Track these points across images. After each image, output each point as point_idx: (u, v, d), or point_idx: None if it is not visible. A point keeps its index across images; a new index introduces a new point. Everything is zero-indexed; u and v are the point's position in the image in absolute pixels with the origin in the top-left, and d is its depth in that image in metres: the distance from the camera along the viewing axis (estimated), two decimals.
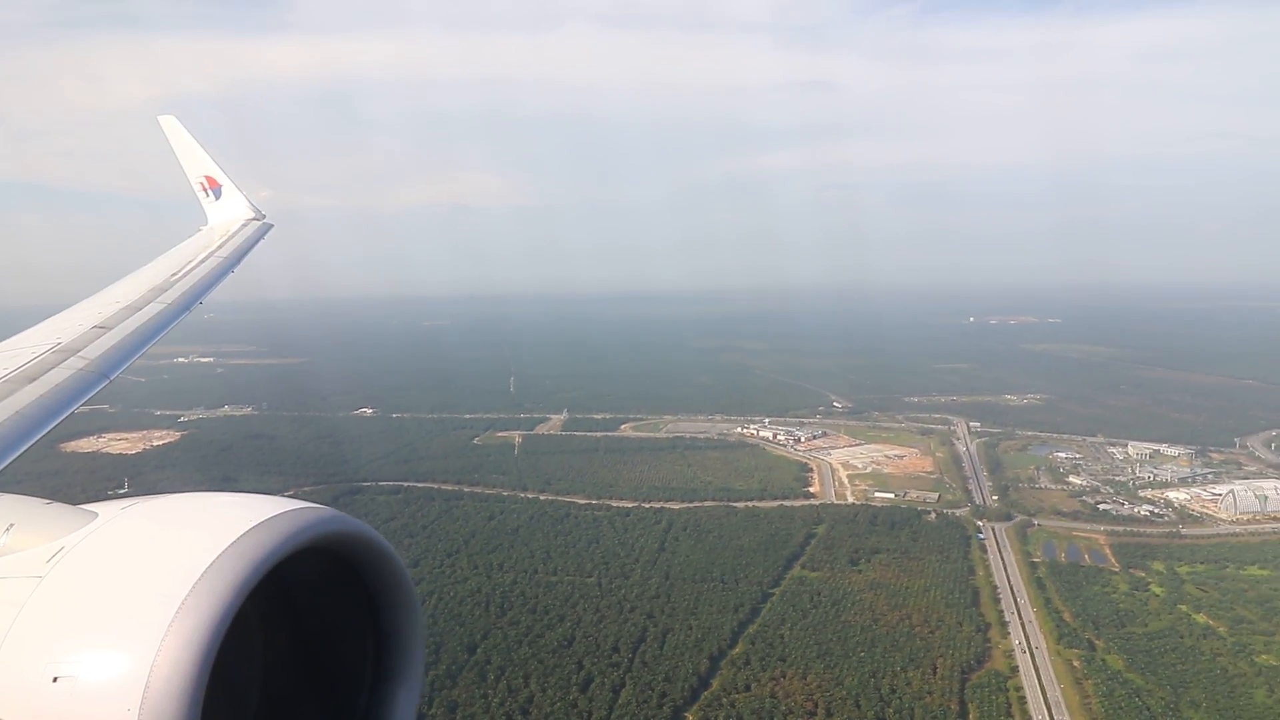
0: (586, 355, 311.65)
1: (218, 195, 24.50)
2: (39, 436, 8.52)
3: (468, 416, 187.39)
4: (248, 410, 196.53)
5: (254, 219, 23.58)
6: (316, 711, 4.93)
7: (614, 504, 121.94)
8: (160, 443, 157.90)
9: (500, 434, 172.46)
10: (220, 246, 19.99)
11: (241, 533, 4.00)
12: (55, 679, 3.66)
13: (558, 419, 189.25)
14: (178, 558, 3.96)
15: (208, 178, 24.74)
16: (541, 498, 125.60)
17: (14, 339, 11.96)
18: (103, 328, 12.31)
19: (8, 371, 9.96)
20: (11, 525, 4.65)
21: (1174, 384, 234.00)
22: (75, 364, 10.49)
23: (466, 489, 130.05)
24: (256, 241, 21.57)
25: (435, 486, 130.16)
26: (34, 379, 9.67)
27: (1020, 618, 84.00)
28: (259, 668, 4.76)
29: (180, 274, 16.74)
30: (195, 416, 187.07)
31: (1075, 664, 74.09)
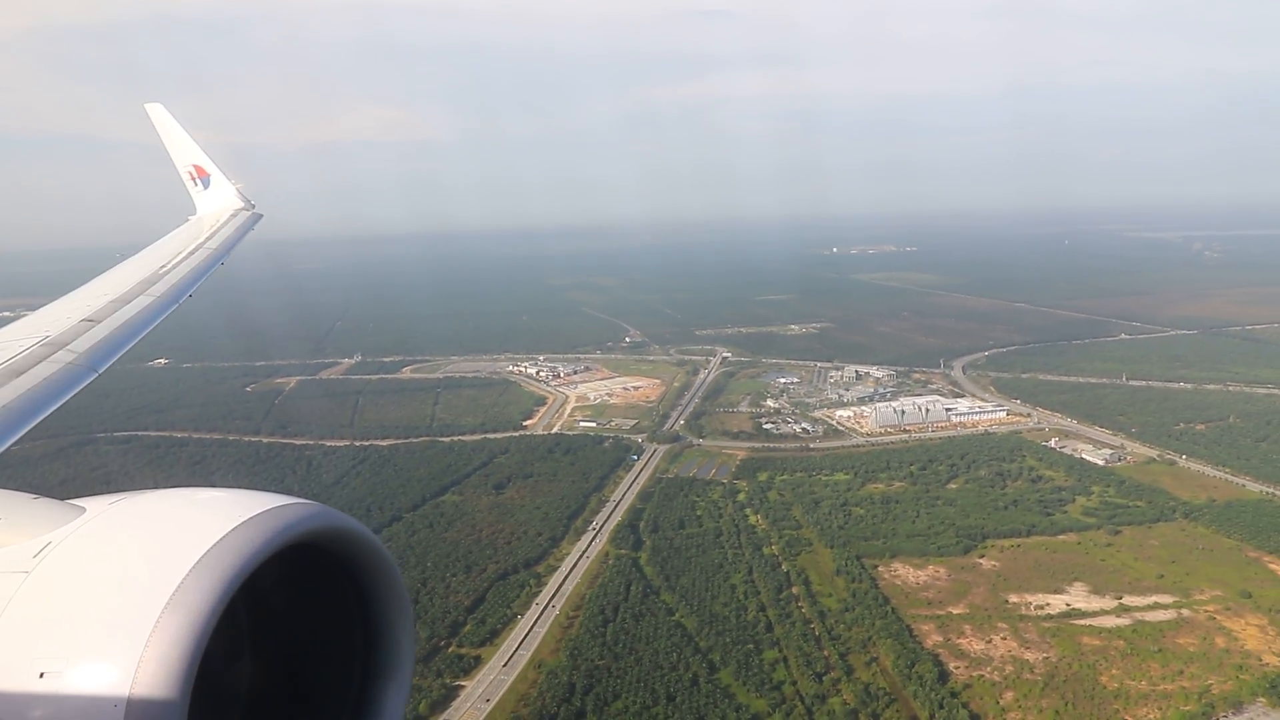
0: (434, 296, 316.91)
1: (206, 185, 24.60)
2: (26, 430, 8.49)
3: (260, 364, 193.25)
4: None
5: (243, 209, 23.53)
6: (304, 707, 4.95)
7: (329, 444, 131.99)
8: None
9: (278, 380, 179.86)
10: (209, 238, 19.95)
11: (229, 529, 4.05)
12: (42, 674, 3.66)
13: (348, 363, 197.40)
14: (165, 554, 3.99)
15: (196, 167, 24.67)
16: (265, 440, 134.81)
17: (1, 332, 12.06)
18: (91, 321, 12.28)
19: None
20: None
21: (952, 309, 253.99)
22: (63, 358, 10.48)
23: (199, 435, 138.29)
24: (246, 233, 21.41)
25: (168, 435, 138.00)
26: (21, 373, 9.63)
27: (603, 527, 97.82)
28: (247, 662, 4.79)
29: (169, 266, 16.81)
30: None
31: (610, 561, 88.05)
